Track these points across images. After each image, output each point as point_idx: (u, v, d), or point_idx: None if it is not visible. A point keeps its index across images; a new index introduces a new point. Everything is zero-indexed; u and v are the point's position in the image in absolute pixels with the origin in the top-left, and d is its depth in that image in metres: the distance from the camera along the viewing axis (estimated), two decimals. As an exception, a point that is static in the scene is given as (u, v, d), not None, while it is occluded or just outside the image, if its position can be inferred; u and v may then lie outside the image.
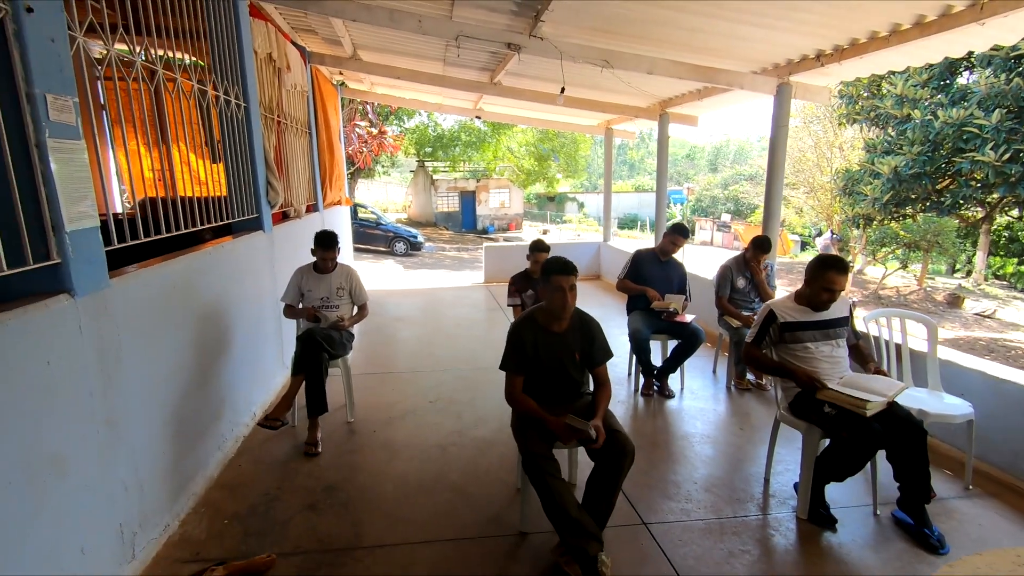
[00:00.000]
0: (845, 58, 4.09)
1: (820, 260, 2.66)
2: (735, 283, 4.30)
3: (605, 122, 8.65)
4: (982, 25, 3.19)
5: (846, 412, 2.42)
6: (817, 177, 13.48)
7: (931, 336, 3.17)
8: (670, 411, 3.90)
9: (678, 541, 2.44)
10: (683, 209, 26.33)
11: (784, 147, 4.93)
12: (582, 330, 2.50)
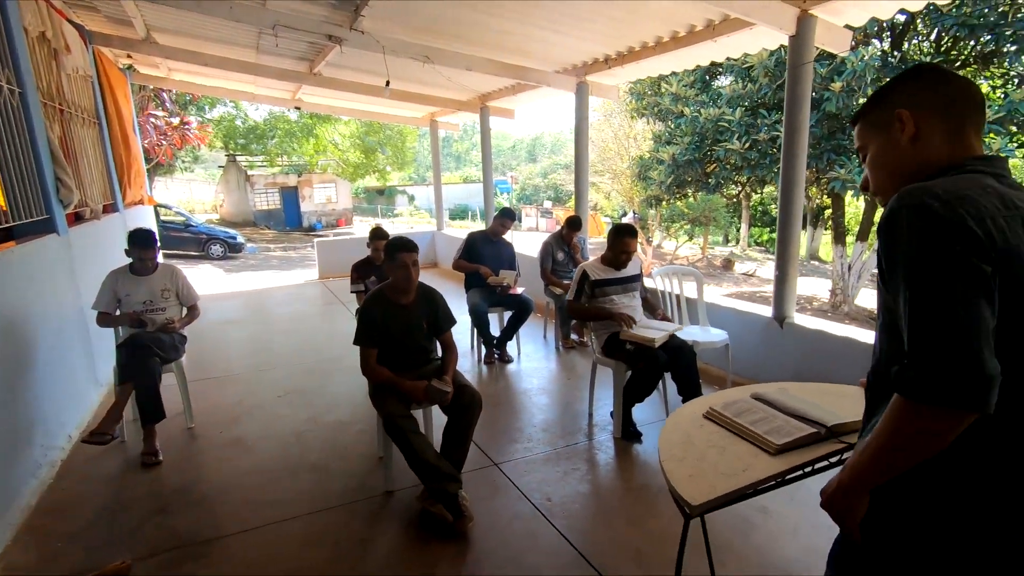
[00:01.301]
0: (626, 62, 4.90)
1: (615, 228, 3.33)
2: (555, 257, 4.93)
3: (429, 114, 8.94)
4: (715, 42, 4.11)
5: (641, 347, 3.06)
6: (618, 164, 15.41)
7: (699, 287, 4.06)
8: (510, 373, 4.38)
9: (523, 472, 2.87)
10: (510, 198, 27.84)
11: (586, 137, 5.71)
12: (427, 302, 2.78)
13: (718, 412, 1.52)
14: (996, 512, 0.84)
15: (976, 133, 0.97)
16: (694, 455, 1.33)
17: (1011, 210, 0.84)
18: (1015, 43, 7.34)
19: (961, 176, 0.90)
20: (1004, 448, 0.84)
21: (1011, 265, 0.81)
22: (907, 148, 0.98)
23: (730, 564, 2.15)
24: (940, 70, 0.99)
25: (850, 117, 6.10)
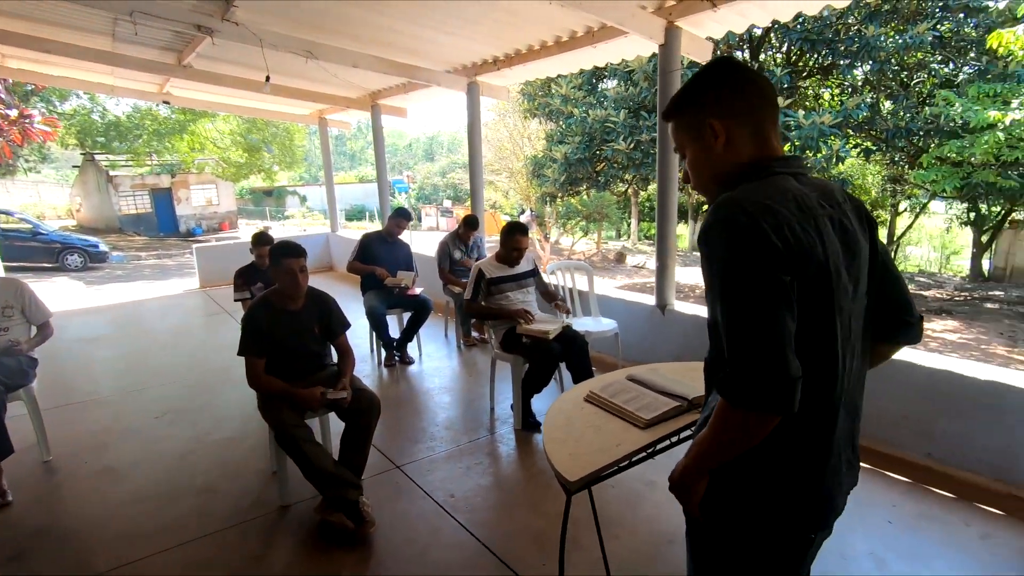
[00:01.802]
0: (514, 64, 5.03)
1: (507, 227, 3.42)
2: (453, 256, 4.95)
3: (318, 112, 8.58)
4: (595, 47, 4.35)
5: (537, 340, 3.18)
6: (514, 163, 15.75)
7: (590, 280, 4.29)
8: (412, 374, 4.35)
9: (426, 471, 2.88)
10: (408, 197, 27.39)
11: (480, 137, 5.79)
12: (318, 306, 2.70)
13: (596, 394, 1.64)
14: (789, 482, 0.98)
15: (773, 129, 1.03)
16: (574, 436, 1.44)
17: (805, 212, 0.93)
18: (847, 57, 8.46)
19: (767, 182, 0.97)
20: (798, 430, 0.96)
21: (804, 268, 0.90)
22: (721, 154, 1.03)
23: (622, 536, 2.31)
24: (738, 72, 1.03)
25: None
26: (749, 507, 0.99)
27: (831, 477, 1.01)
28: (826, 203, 0.99)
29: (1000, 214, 14.11)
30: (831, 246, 0.94)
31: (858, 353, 1.03)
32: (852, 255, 0.99)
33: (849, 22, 8.35)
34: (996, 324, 10.15)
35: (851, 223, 1.01)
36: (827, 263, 0.92)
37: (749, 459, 0.97)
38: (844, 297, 0.96)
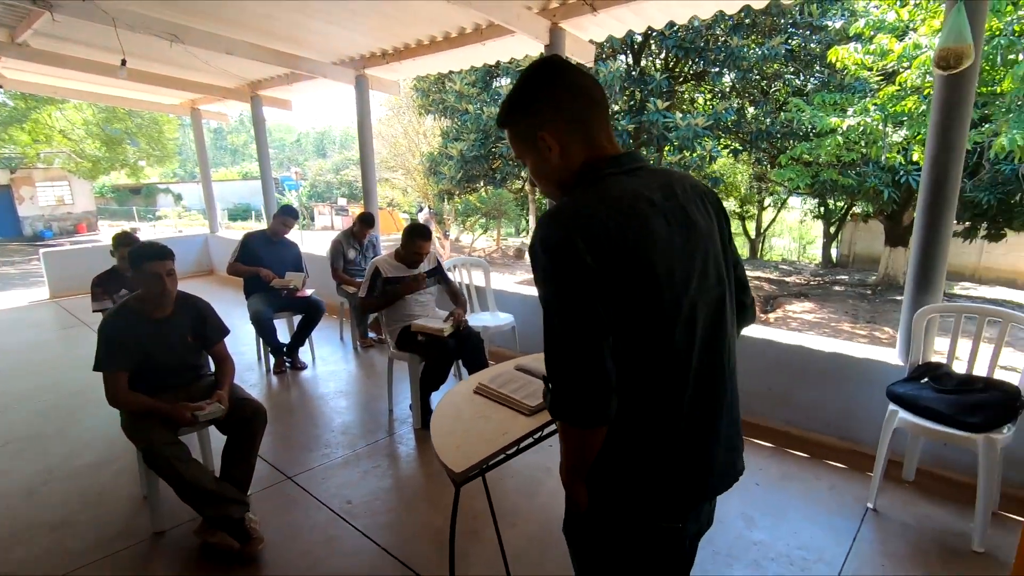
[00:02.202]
0: (404, 58, 4.94)
1: (410, 229, 3.33)
2: (347, 255, 4.78)
3: (190, 101, 7.87)
4: (484, 45, 4.39)
5: (432, 338, 3.16)
6: (410, 160, 15.48)
7: (486, 276, 4.33)
8: (305, 380, 4.14)
9: (321, 480, 2.76)
10: (299, 195, 25.97)
11: (370, 132, 5.63)
12: (190, 313, 2.48)
13: (485, 386, 1.67)
14: (649, 474, 1.00)
15: (603, 130, 1.03)
16: (462, 428, 1.45)
17: (630, 216, 0.93)
18: (716, 65, 9.24)
19: (595, 189, 0.97)
20: (651, 423, 0.98)
21: (628, 273, 0.91)
22: (558, 163, 1.02)
23: (520, 524, 2.37)
24: (564, 78, 1.00)
25: None
26: (614, 499, 1.02)
27: (693, 465, 1.01)
28: (663, 198, 0.98)
29: (843, 208, 16.13)
30: (663, 244, 0.94)
31: (717, 338, 1.02)
32: (695, 245, 0.99)
33: (717, 33, 9.12)
34: (842, 304, 11.62)
35: (697, 212, 1.01)
36: (657, 263, 0.92)
37: (611, 456, 1.00)
38: (682, 291, 0.95)
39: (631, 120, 8.68)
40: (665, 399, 0.97)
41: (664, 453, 0.99)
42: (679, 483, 1.01)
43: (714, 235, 1.04)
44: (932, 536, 2.27)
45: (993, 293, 13.03)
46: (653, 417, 0.97)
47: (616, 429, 0.97)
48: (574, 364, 0.91)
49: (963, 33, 2.34)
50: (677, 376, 0.97)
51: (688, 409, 0.99)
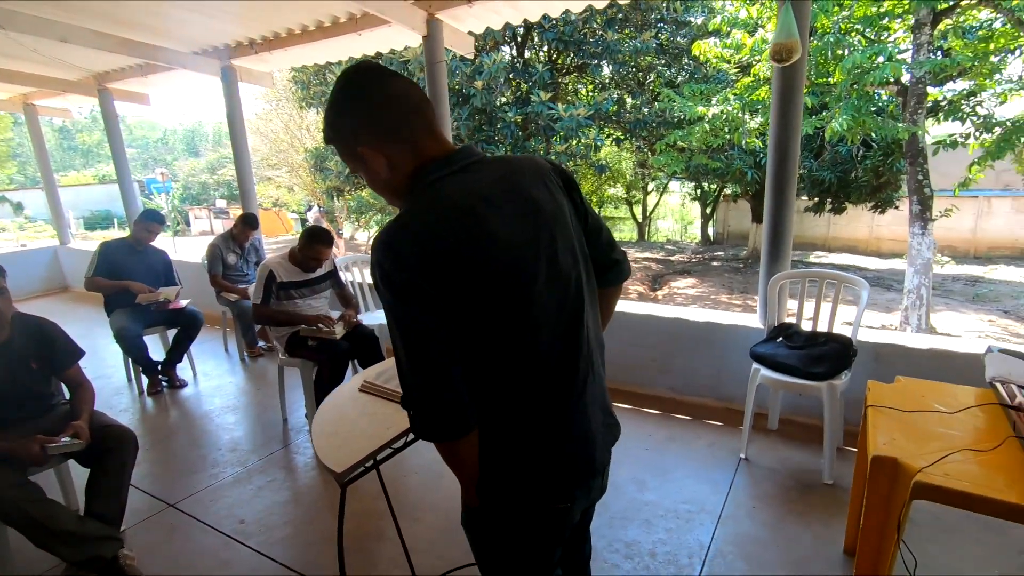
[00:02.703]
0: (274, 48, 4.65)
1: (310, 233, 3.13)
2: (226, 260, 4.44)
3: (21, 96, 6.87)
4: (360, 35, 4.25)
5: (324, 341, 3.04)
6: (294, 156, 14.63)
7: (380, 271, 4.22)
8: (186, 399, 3.82)
9: (209, 503, 2.57)
10: (170, 198, 23.62)
11: (243, 127, 5.25)
12: (32, 337, 2.19)
13: (371, 383, 1.65)
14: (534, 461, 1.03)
15: (427, 132, 1.00)
16: (346, 427, 1.42)
17: (465, 217, 0.92)
18: (594, 58, 9.64)
19: (424, 198, 0.95)
20: (521, 410, 1.00)
21: (473, 276, 0.91)
22: (387, 174, 1.00)
23: (425, 519, 2.37)
24: (376, 87, 0.97)
25: (493, 110, 6.95)
26: (504, 492, 1.05)
27: (574, 446, 1.04)
28: (502, 191, 0.97)
29: (716, 190, 17.60)
30: (504, 240, 0.93)
31: (576, 320, 1.02)
32: (541, 232, 0.98)
33: (594, 27, 9.51)
34: (720, 278, 12.72)
35: (542, 195, 1.01)
36: (499, 261, 0.92)
37: (494, 453, 1.02)
38: (531, 283, 0.95)
39: (517, 111, 8.83)
40: (532, 390, 0.98)
41: (543, 441, 1.01)
42: (563, 466, 1.03)
43: (564, 213, 1.04)
44: (792, 475, 2.58)
45: (840, 259, 14.91)
46: (524, 409, 0.99)
47: (492, 427, 1.00)
48: (424, 387, 0.93)
49: (791, 30, 2.64)
50: (540, 365, 0.98)
51: (557, 394, 1.00)
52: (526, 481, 1.02)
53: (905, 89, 7.11)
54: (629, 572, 2.03)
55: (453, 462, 1.03)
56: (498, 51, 9.24)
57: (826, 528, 2.19)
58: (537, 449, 1.01)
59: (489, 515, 1.08)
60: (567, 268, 1.01)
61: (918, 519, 2.19)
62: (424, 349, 0.91)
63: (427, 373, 0.92)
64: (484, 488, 1.05)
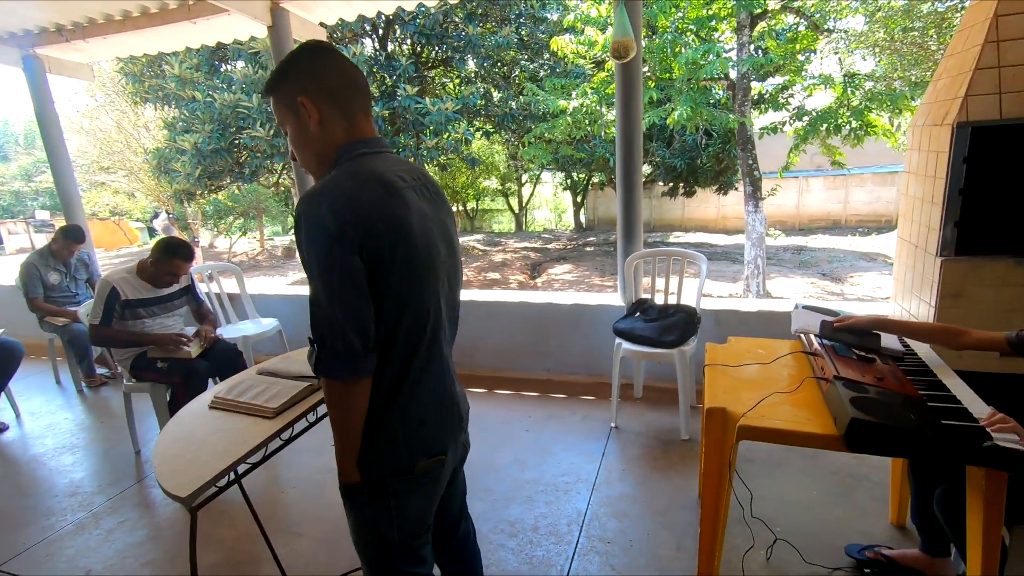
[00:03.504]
0: (90, 35, 4.10)
1: (167, 245, 2.79)
2: (47, 280, 3.87)
3: None
4: (195, 23, 3.88)
5: (178, 360, 2.77)
6: (131, 158, 12.98)
7: (240, 282, 3.93)
8: (7, 445, 3.28)
9: (44, 559, 2.25)
10: (-28, 212, 19.85)
11: (57, 126, 4.59)
12: None
13: (221, 398, 1.54)
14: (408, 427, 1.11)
15: (364, 116, 1.11)
16: (194, 448, 1.32)
17: (389, 188, 1.02)
18: (458, 52, 9.68)
19: (355, 163, 1.05)
20: (410, 367, 1.09)
21: (392, 240, 0.99)
22: (317, 132, 1.07)
23: (307, 532, 2.27)
24: (328, 56, 1.08)
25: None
26: (388, 449, 1.09)
27: (447, 401, 1.17)
28: (411, 178, 1.10)
29: (585, 179, 18.58)
30: (419, 214, 1.05)
31: (454, 295, 1.22)
32: (439, 218, 1.14)
33: (456, 21, 9.54)
34: (593, 262, 13.49)
35: (435, 191, 1.17)
36: (415, 230, 1.03)
37: (384, 409, 1.08)
38: (436, 257, 1.10)
39: (384, 106, 8.62)
40: (423, 351, 1.09)
41: (427, 396, 1.12)
42: (442, 419, 1.16)
43: (451, 215, 1.23)
44: (656, 435, 2.84)
45: (694, 238, 16.49)
46: (413, 368, 1.08)
47: (384, 381, 1.06)
48: (338, 325, 0.97)
49: (627, 28, 2.87)
50: (429, 329, 1.09)
51: (438, 356, 1.14)
52: (414, 437, 1.11)
53: (733, 84, 8.01)
54: (514, 548, 2.11)
55: (344, 411, 1.04)
56: (359, 44, 8.92)
57: (684, 479, 2.44)
58: (425, 403, 1.12)
59: (374, 479, 1.10)
60: (457, 251, 1.21)
61: (755, 459, 2.53)
62: (344, 290, 0.97)
63: (344, 312, 0.97)
64: (371, 448, 1.08)
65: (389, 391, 1.07)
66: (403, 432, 1.09)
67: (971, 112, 2.15)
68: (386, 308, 1.02)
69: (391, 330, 1.04)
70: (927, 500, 1.65)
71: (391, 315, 1.02)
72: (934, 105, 2.46)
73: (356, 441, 1.07)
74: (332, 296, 0.97)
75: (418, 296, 1.05)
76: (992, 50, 2.17)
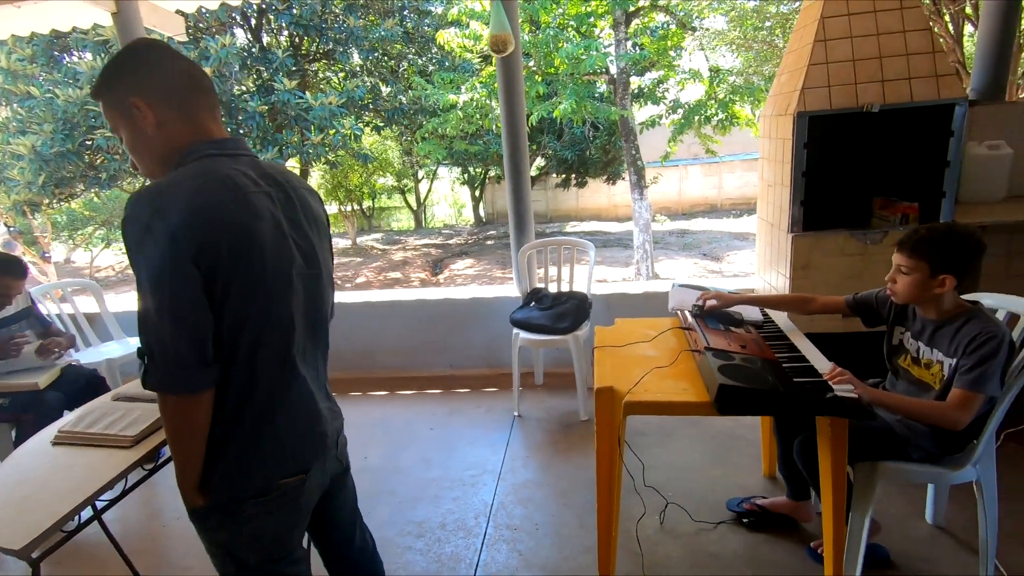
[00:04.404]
0: None
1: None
2: None
3: None
4: (19, 7, 3.38)
5: (22, 393, 2.43)
6: (-46, 165, 11.08)
7: (99, 299, 3.51)
8: None
9: None
10: None
11: None
12: None
13: (67, 432, 1.37)
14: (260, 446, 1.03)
15: (210, 114, 1.05)
16: (29, 491, 1.16)
17: (236, 192, 0.95)
18: (339, 44, 9.29)
19: (198, 165, 0.97)
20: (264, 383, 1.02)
21: (234, 246, 0.92)
22: (155, 135, 1.01)
23: (196, 566, 2.09)
24: (161, 55, 1.02)
25: (231, 100, 6.22)
26: (240, 471, 1.02)
27: (309, 420, 1.09)
28: (265, 181, 1.03)
29: (481, 173, 18.64)
30: (270, 221, 0.99)
31: (316, 308, 1.11)
32: (298, 226, 1.06)
33: (335, 11, 9.12)
34: (494, 255, 13.62)
35: (296, 196, 1.08)
36: (263, 238, 0.96)
37: (232, 428, 1.00)
38: (289, 266, 1.02)
39: (262, 100, 8.07)
40: (274, 366, 1.02)
41: (281, 413, 1.04)
42: (302, 436, 1.08)
43: (322, 218, 1.17)
44: (558, 419, 2.93)
45: (589, 227, 17.18)
46: (262, 383, 1.01)
47: (228, 397, 0.98)
48: (170, 334, 0.90)
49: (504, 23, 2.90)
50: (281, 343, 1.02)
51: (293, 373, 1.06)
52: (263, 450, 1.03)
53: (614, 78, 8.41)
54: (422, 549, 2.09)
55: (179, 428, 0.96)
56: (229, 34, 8.25)
57: (585, 457, 2.55)
58: (274, 418, 1.03)
59: (223, 502, 1.02)
60: (320, 259, 1.12)
61: (647, 431, 2.69)
62: (175, 300, 0.89)
63: (175, 322, 0.89)
64: (217, 469, 1.01)
65: (235, 407, 0.99)
66: (254, 451, 1.02)
67: (808, 103, 2.42)
68: (227, 320, 0.94)
69: (233, 343, 0.96)
70: (789, 451, 1.85)
71: (234, 327, 0.95)
72: (779, 97, 2.73)
73: (196, 462, 0.99)
74: (162, 305, 0.89)
75: (264, 308, 0.98)
76: (821, 48, 2.45)
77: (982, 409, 1.53)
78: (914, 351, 1.71)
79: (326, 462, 1.16)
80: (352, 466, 1.31)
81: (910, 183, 2.55)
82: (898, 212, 2.48)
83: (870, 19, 2.43)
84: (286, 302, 1.02)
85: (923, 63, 2.38)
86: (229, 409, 0.99)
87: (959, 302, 1.63)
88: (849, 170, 2.63)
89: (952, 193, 2.43)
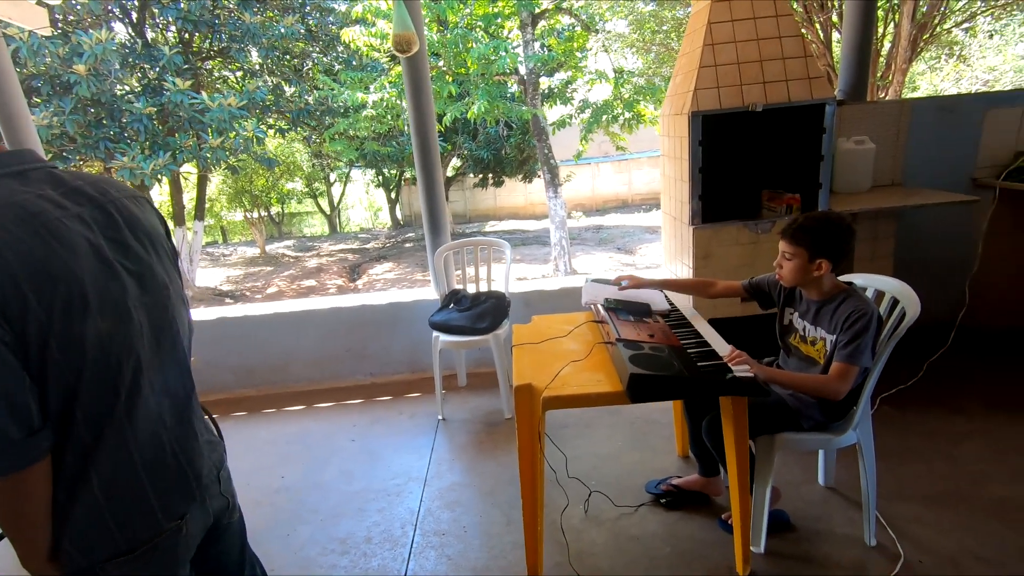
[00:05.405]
0: None
1: None
2: None
3: None
4: None
5: None
6: None
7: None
8: None
9: None
10: None
11: None
12: None
13: None
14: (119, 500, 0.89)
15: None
16: None
17: (31, 222, 0.78)
18: (235, 41, 8.75)
19: None
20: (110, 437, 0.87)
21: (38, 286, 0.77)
22: None
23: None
24: None
25: (112, 101, 5.67)
26: (105, 521, 0.89)
27: (175, 466, 0.97)
28: (72, 200, 0.86)
29: (397, 175, 18.29)
30: (87, 251, 0.83)
31: (167, 339, 0.97)
32: (125, 246, 0.90)
33: (230, 7, 8.58)
34: (413, 258, 13.40)
35: (118, 210, 0.92)
36: (80, 274, 0.81)
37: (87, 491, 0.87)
38: (122, 299, 0.88)
39: (150, 102, 7.44)
40: (118, 412, 0.88)
41: (135, 461, 0.90)
42: (166, 483, 0.95)
43: (157, 229, 1.01)
44: (482, 419, 2.93)
45: (507, 225, 17.34)
46: (108, 433, 0.87)
47: (67, 458, 0.84)
48: None
49: (407, 22, 2.85)
50: (124, 386, 0.88)
51: (144, 415, 0.92)
52: (120, 506, 0.90)
53: (524, 79, 8.53)
54: (347, 566, 2.01)
55: (18, 507, 0.82)
56: (105, 28, 7.52)
57: (508, 455, 2.56)
58: (126, 468, 0.90)
59: (81, 569, 0.89)
60: (160, 282, 0.96)
61: (568, 423, 2.76)
62: None
63: None
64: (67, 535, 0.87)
65: (78, 467, 0.86)
66: (108, 508, 0.88)
67: (700, 103, 2.58)
68: (52, 377, 0.80)
69: (65, 399, 0.82)
70: (698, 431, 1.96)
71: (62, 383, 0.81)
72: (675, 97, 2.89)
73: (43, 535, 0.86)
74: None
75: (98, 356, 0.84)
76: (709, 52, 2.61)
77: (858, 379, 1.70)
78: (802, 330, 1.87)
79: (207, 499, 1.04)
80: (268, 486, 1.22)
81: (793, 176, 2.78)
82: (783, 203, 2.70)
83: (751, 25, 2.63)
84: (125, 341, 0.88)
85: (797, 67, 2.60)
86: (71, 469, 0.85)
87: (836, 283, 1.80)
88: (740, 165, 2.83)
89: (827, 184, 2.68)
